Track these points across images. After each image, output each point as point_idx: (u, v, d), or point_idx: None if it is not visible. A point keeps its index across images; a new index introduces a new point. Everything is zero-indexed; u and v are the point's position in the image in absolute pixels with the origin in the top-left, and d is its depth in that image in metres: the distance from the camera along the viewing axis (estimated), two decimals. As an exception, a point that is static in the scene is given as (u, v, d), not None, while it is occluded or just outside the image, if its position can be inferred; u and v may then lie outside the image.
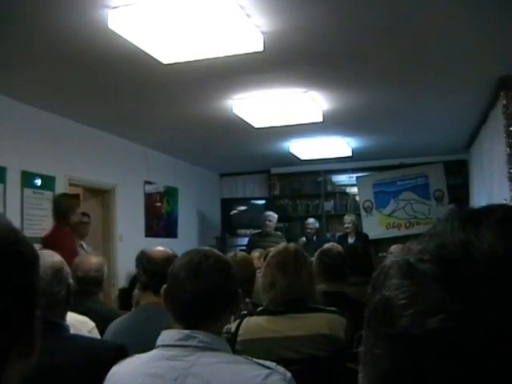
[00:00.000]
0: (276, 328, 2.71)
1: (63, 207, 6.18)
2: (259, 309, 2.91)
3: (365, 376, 0.51)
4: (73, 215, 6.16)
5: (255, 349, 2.54)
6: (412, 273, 0.48)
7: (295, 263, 2.80)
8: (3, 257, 0.80)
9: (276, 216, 9.23)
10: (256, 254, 5.49)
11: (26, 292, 0.83)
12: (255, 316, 2.84)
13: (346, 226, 9.41)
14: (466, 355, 0.43)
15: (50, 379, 1.93)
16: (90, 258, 4.09)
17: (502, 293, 0.43)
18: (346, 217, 9.53)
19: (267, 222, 9.04)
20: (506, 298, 0.43)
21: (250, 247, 8.14)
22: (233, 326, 2.80)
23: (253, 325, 2.78)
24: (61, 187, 6.78)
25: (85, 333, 2.96)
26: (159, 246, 3.31)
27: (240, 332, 2.76)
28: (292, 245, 3.00)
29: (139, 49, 4.41)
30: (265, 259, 4.10)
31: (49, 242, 5.59)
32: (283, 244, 3.05)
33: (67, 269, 2.33)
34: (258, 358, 1.84)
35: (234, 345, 2.69)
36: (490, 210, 0.53)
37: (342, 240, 9.15)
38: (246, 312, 2.96)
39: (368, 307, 0.52)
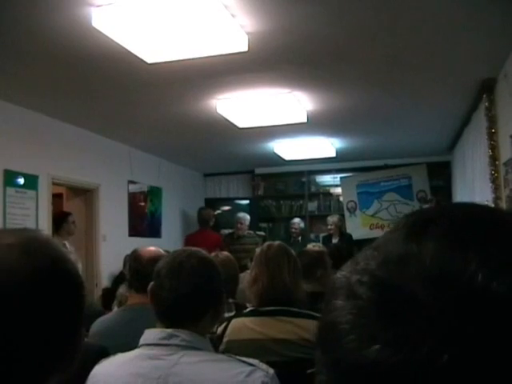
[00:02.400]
0: (261, 330, 2.72)
1: (205, 216, 9.42)
2: (247, 309, 2.92)
3: None
4: (211, 221, 9.43)
5: (240, 349, 2.54)
6: (352, 295, 0.45)
7: (278, 260, 2.84)
8: (56, 279, 0.84)
9: (248, 218, 9.30)
10: None
11: (73, 312, 0.85)
12: (242, 317, 2.84)
13: (329, 227, 9.46)
14: None
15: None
16: None
17: (435, 324, 0.39)
18: (328, 218, 9.58)
19: (239, 225, 9.11)
20: (439, 331, 0.39)
21: (221, 248, 8.19)
22: (219, 328, 2.80)
23: (239, 326, 2.78)
24: (44, 186, 6.74)
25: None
26: (152, 246, 3.30)
27: (226, 333, 2.77)
28: (277, 242, 3.03)
29: (123, 48, 4.39)
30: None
31: (192, 241, 8.31)
32: (269, 242, 3.07)
33: None
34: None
35: (219, 346, 2.69)
36: (441, 213, 0.48)
37: (326, 240, 9.20)
38: (232, 314, 2.97)
39: (317, 329, 0.49)
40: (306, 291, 3.69)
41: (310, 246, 5.73)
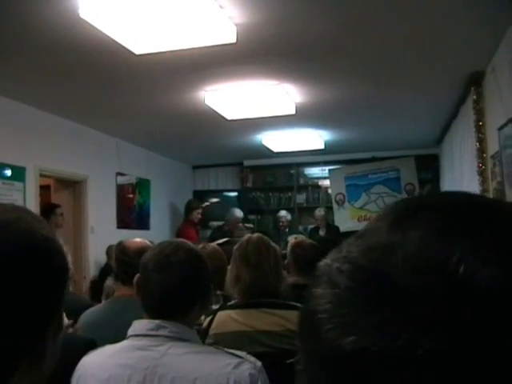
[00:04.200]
0: (247, 322, 2.72)
1: (185, 210, 9.78)
2: (231, 302, 2.92)
3: None
4: (190, 215, 9.63)
5: (226, 341, 2.54)
6: (331, 284, 0.44)
7: (257, 254, 2.82)
8: (33, 266, 0.81)
9: (242, 215, 9.39)
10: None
11: (44, 302, 0.83)
12: (227, 310, 2.84)
13: (317, 220, 9.53)
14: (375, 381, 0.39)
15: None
16: None
17: (416, 312, 0.39)
18: (316, 212, 9.62)
19: (239, 225, 9.15)
20: (420, 319, 0.38)
21: (213, 239, 8.20)
22: (205, 321, 2.80)
23: (225, 318, 2.78)
24: (31, 178, 6.71)
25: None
26: (138, 238, 3.29)
27: (212, 326, 2.77)
28: (255, 235, 3.00)
29: (111, 39, 4.37)
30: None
31: (179, 232, 9.20)
32: (247, 235, 3.06)
33: None
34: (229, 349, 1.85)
35: (205, 339, 2.69)
36: (427, 201, 0.48)
37: (314, 232, 9.23)
38: (218, 307, 2.97)
39: (298, 318, 0.48)
40: (297, 283, 3.71)
41: (291, 238, 5.71)
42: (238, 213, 9.45)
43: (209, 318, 2.80)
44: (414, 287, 0.39)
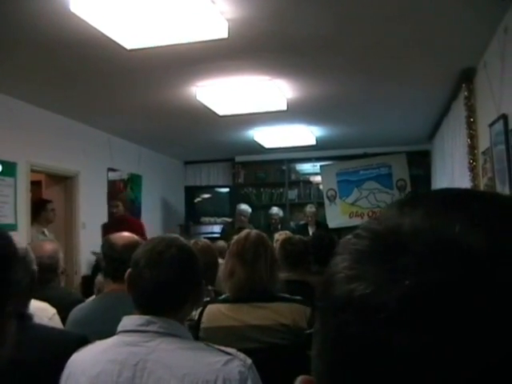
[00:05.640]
0: (237, 316, 2.70)
1: None
2: (222, 296, 2.90)
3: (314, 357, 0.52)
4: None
5: (217, 337, 2.53)
6: (350, 248, 0.50)
7: (254, 252, 2.78)
8: None
9: (250, 211, 9.30)
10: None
11: None
12: (217, 303, 2.82)
13: (309, 218, 9.51)
14: (381, 320, 0.43)
15: (7, 372, 1.88)
16: (44, 245, 3.91)
17: (416, 264, 0.44)
18: (308, 210, 9.58)
19: (242, 218, 9.10)
20: (417, 270, 0.43)
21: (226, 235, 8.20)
22: (195, 314, 2.79)
23: (215, 312, 2.76)
24: (22, 174, 6.68)
25: (45, 320, 2.91)
26: (125, 232, 3.27)
27: (203, 320, 2.76)
28: (254, 232, 2.95)
29: (102, 33, 4.34)
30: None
31: None
32: (246, 231, 3.00)
33: (31, 256, 2.27)
34: (219, 345, 1.84)
35: (198, 332, 2.68)
36: (428, 193, 0.55)
37: (302, 229, 9.20)
38: (208, 299, 2.95)
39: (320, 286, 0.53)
40: (290, 279, 3.70)
41: (277, 235, 5.71)
42: (242, 206, 9.40)
43: (199, 310, 2.78)
44: (417, 247, 0.45)
